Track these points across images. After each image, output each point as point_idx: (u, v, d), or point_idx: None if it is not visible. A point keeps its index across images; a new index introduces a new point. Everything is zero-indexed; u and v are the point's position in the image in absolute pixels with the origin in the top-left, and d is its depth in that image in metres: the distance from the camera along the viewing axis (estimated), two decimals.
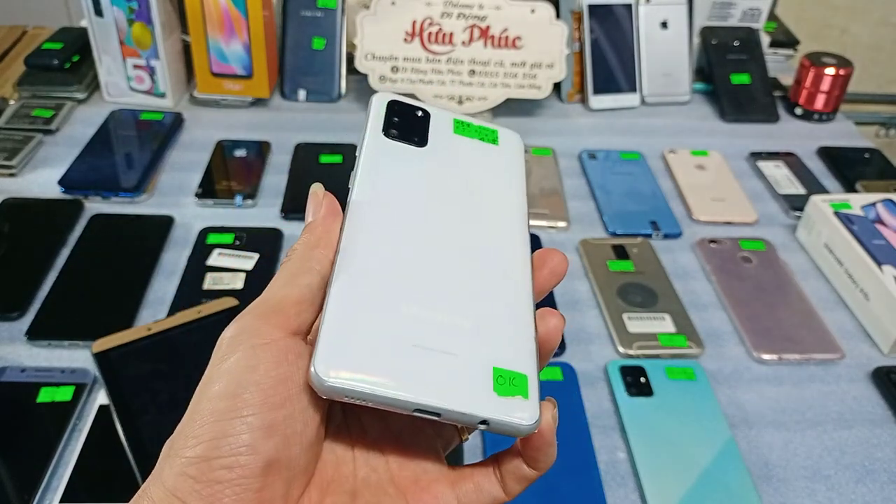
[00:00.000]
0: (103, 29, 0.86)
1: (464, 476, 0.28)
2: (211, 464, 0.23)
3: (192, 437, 0.23)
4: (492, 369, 0.26)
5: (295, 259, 0.28)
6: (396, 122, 0.32)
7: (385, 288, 0.27)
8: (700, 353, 0.62)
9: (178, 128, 0.87)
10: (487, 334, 0.27)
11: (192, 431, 0.24)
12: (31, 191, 0.76)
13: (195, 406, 0.24)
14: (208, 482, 0.23)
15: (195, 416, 0.24)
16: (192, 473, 0.23)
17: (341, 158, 0.83)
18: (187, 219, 0.73)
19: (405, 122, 0.32)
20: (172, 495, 0.23)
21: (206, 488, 0.23)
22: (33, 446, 0.50)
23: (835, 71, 0.95)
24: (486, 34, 0.88)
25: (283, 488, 0.24)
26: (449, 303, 0.27)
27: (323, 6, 0.94)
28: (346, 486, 0.27)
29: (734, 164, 0.88)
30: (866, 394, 0.60)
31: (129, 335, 0.56)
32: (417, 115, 0.33)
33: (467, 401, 0.25)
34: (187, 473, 0.23)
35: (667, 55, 0.99)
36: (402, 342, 0.26)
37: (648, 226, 0.76)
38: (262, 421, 0.24)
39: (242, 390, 0.24)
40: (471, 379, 0.26)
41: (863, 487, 0.52)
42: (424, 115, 0.33)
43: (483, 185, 0.32)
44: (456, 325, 0.27)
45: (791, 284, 0.70)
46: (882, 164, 0.89)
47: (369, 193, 0.29)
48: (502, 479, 0.28)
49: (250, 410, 0.24)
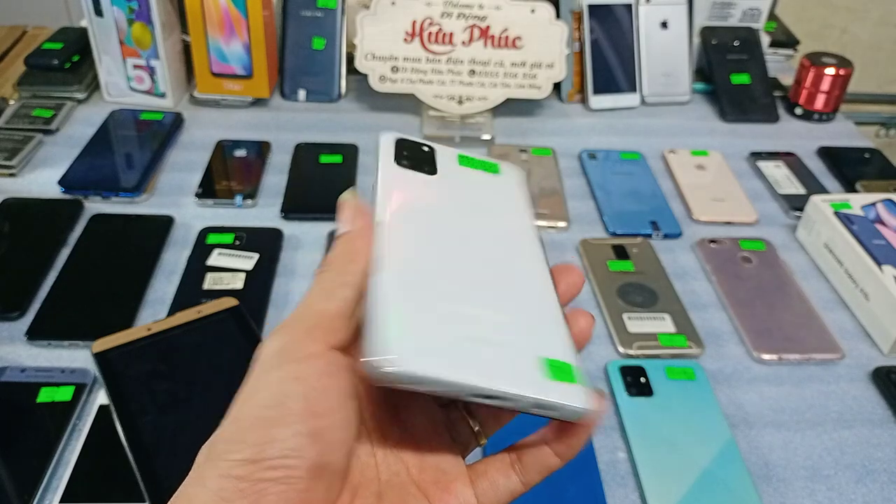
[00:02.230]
0: (103, 29, 0.86)
1: (479, 473, 0.29)
2: (258, 465, 0.24)
3: (239, 442, 0.24)
4: (539, 358, 0.27)
5: (332, 272, 0.28)
6: (406, 155, 0.34)
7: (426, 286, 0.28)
8: (700, 353, 0.62)
9: (178, 128, 0.87)
10: (529, 329, 0.28)
11: (239, 437, 0.24)
12: (31, 191, 0.76)
13: (238, 414, 0.25)
14: (254, 481, 0.23)
15: (240, 423, 0.25)
16: (238, 474, 0.24)
17: (341, 158, 0.83)
18: (187, 219, 0.73)
19: (414, 155, 0.34)
20: (217, 496, 0.23)
21: (252, 487, 0.23)
22: (33, 446, 0.50)
23: (835, 71, 0.95)
24: (486, 34, 0.88)
25: (324, 493, 0.25)
26: (487, 302, 0.28)
27: (323, 6, 0.94)
28: (372, 488, 0.28)
29: (734, 164, 0.88)
30: (866, 394, 0.60)
31: (129, 335, 0.56)
32: (424, 149, 0.35)
33: (524, 384, 0.26)
34: (233, 475, 0.24)
35: (667, 55, 0.99)
36: (452, 331, 0.26)
37: (648, 226, 0.76)
38: (307, 428, 0.25)
39: (288, 400, 0.25)
40: (522, 364, 0.27)
41: (863, 487, 0.52)
42: (430, 150, 0.35)
43: (494, 206, 0.34)
44: (498, 320, 0.28)
45: (791, 284, 0.70)
46: (882, 164, 0.89)
47: (391, 213, 0.30)
48: (523, 469, 0.29)
49: (296, 419, 0.25)
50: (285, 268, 0.68)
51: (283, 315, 0.63)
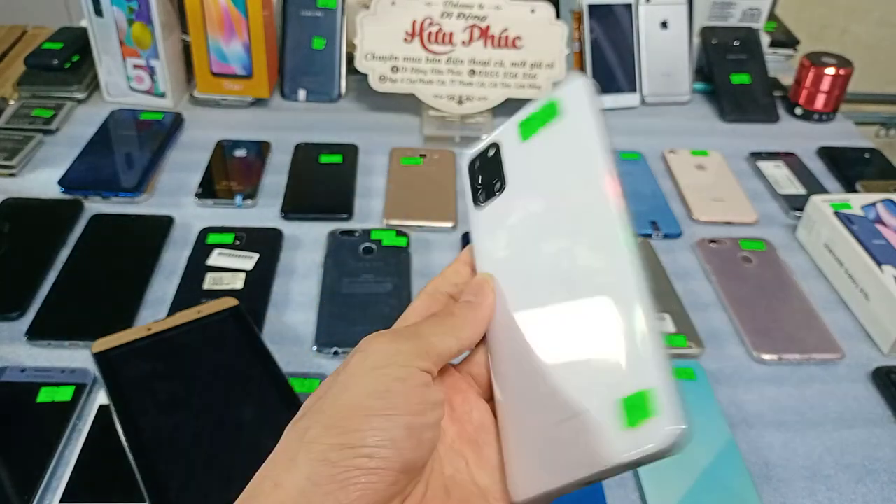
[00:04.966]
0: (103, 29, 0.86)
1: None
2: (354, 451, 0.25)
3: (336, 427, 0.25)
4: (617, 403, 0.26)
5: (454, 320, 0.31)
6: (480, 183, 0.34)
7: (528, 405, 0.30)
8: (700, 353, 0.62)
9: (178, 128, 0.87)
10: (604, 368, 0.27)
11: (337, 423, 0.26)
12: (31, 191, 0.76)
13: (335, 401, 0.27)
14: (346, 468, 0.24)
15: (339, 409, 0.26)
16: (333, 459, 0.25)
17: (341, 158, 0.83)
18: (187, 219, 0.73)
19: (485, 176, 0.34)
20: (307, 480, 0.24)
21: (343, 473, 0.24)
22: (33, 446, 0.50)
23: (835, 71, 0.95)
24: (486, 34, 0.88)
25: (406, 485, 0.27)
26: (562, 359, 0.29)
27: (323, 6, 0.94)
28: (440, 481, 0.29)
29: (734, 164, 0.88)
30: (866, 394, 0.60)
31: (129, 335, 0.56)
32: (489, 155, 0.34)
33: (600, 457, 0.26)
34: (329, 459, 0.25)
35: (667, 55, 0.99)
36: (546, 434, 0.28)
37: (648, 226, 0.76)
38: (406, 423, 0.26)
39: (392, 395, 0.27)
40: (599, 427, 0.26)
41: (863, 487, 0.52)
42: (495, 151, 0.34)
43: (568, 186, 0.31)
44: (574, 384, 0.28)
45: (791, 284, 0.70)
46: (882, 164, 0.89)
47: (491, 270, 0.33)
48: None
49: (398, 411, 0.26)
50: (285, 268, 0.68)
51: (283, 315, 0.63)
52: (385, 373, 0.27)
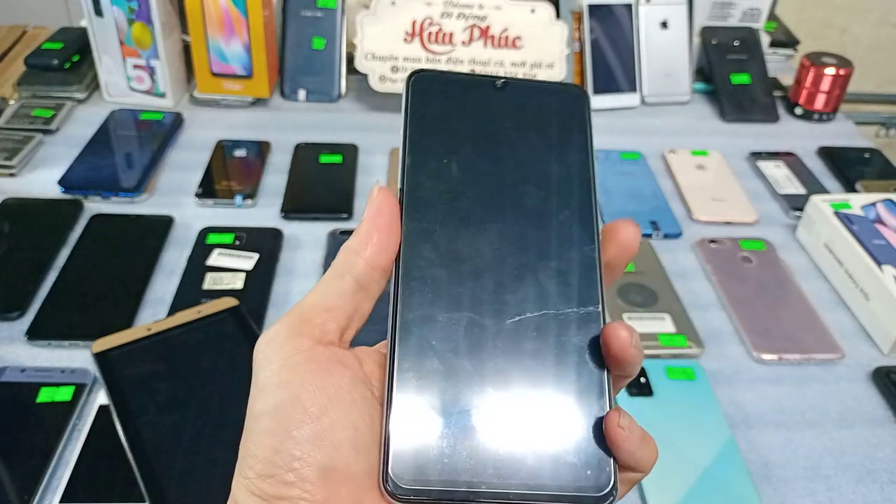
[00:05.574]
0: (103, 29, 0.86)
1: None
2: (273, 480, 0.23)
3: (252, 457, 0.24)
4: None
5: (335, 263, 0.27)
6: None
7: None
8: (700, 353, 0.62)
9: (178, 128, 0.87)
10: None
11: (249, 451, 0.24)
12: (30, 191, 0.76)
13: (248, 424, 0.25)
14: (273, 497, 0.23)
15: (249, 435, 0.24)
16: (258, 493, 0.23)
17: (341, 158, 0.83)
18: (187, 219, 0.73)
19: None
20: None
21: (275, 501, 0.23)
22: (33, 446, 0.50)
23: (835, 71, 0.95)
24: (486, 34, 0.88)
25: (349, 495, 0.24)
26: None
27: (323, 6, 0.94)
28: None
29: (734, 164, 0.88)
30: (866, 394, 0.60)
31: (129, 335, 0.56)
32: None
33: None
34: (255, 493, 0.23)
35: (667, 55, 0.99)
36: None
37: (648, 226, 0.76)
38: (307, 433, 0.23)
39: (281, 406, 0.24)
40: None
41: (863, 487, 0.52)
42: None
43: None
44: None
45: (791, 284, 0.70)
46: (882, 164, 0.89)
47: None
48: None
49: (293, 425, 0.24)
50: (285, 268, 0.68)
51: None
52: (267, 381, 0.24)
